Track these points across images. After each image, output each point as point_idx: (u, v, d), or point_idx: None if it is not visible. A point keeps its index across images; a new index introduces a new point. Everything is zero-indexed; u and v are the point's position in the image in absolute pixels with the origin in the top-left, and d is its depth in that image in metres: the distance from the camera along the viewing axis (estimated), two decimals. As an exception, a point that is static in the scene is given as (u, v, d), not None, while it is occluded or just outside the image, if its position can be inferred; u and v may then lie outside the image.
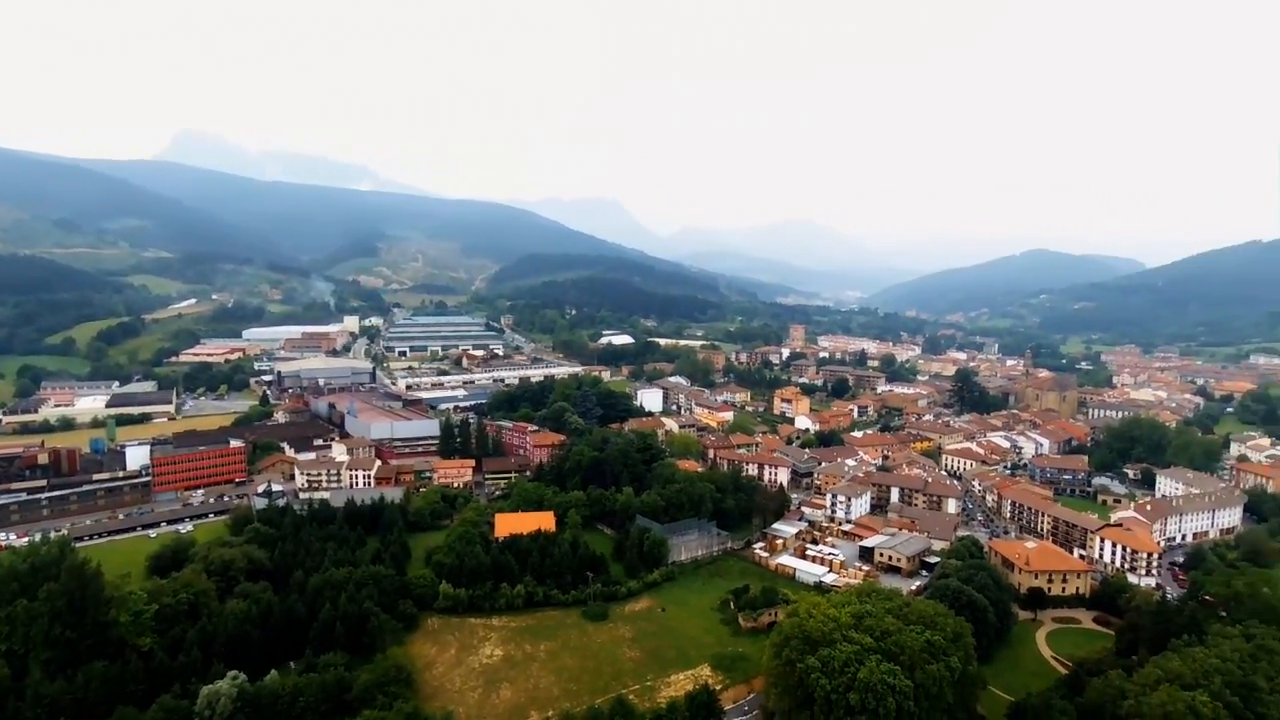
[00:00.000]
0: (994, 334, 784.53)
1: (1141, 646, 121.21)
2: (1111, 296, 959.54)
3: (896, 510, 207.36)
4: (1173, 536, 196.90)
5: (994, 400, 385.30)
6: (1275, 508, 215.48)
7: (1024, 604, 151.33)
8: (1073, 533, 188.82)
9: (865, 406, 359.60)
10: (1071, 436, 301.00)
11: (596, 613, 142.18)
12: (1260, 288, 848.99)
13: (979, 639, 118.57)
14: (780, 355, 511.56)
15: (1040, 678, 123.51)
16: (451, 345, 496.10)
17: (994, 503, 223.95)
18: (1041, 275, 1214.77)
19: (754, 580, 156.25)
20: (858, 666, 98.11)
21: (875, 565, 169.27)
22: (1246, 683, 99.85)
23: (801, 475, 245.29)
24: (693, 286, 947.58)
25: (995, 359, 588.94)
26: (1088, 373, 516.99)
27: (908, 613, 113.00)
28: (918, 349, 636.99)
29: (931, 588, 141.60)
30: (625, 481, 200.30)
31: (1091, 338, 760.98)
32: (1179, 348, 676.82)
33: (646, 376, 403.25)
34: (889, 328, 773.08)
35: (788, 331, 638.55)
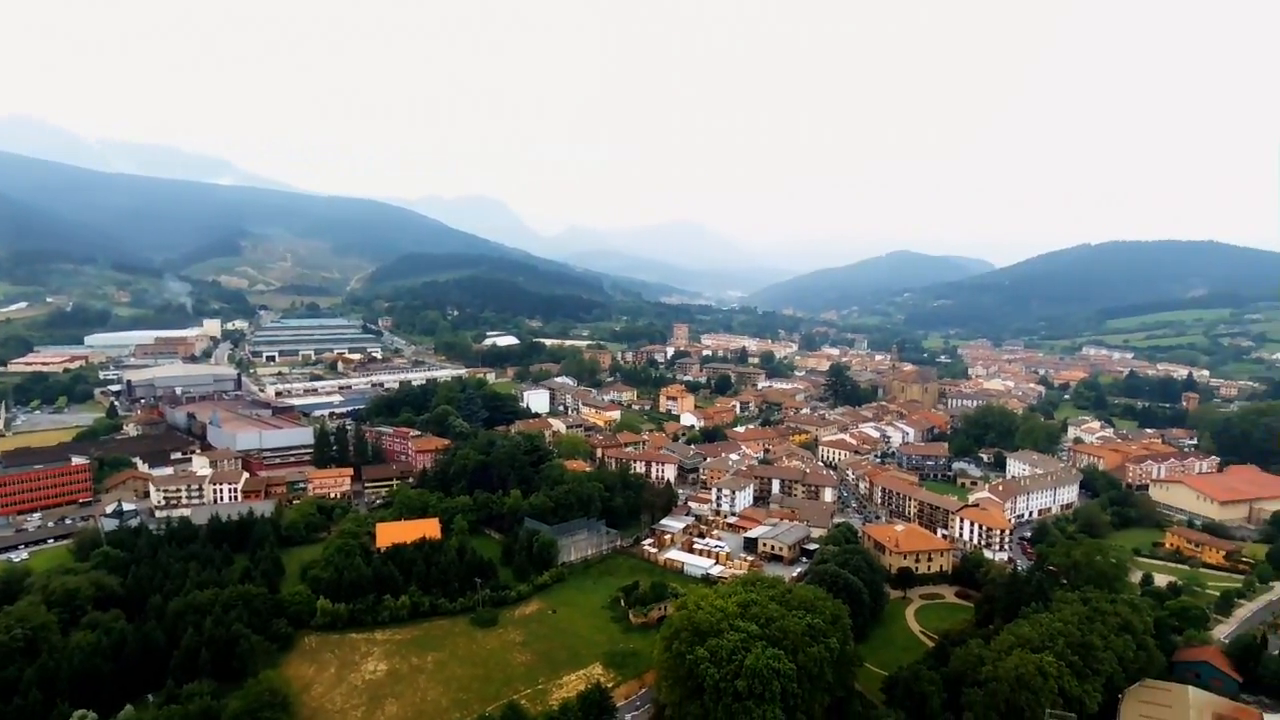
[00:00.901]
0: (864, 330, 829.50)
1: (997, 616, 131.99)
2: (966, 295, 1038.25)
3: (778, 501, 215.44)
4: (1022, 514, 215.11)
5: (865, 393, 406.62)
6: (1106, 484, 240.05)
7: (895, 583, 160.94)
8: (936, 514, 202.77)
9: (747, 402, 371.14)
10: (933, 425, 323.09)
11: (486, 619, 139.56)
12: (1090, 287, 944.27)
13: (855, 619, 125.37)
14: (665, 354, 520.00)
15: (910, 651, 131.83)
16: (325, 349, 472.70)
17: (866, 490, 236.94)
18: (905, 275, 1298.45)
19: (644, 576, 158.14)
20: (744, 654, 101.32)
21: (759, 555, 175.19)
22: (1084, 642, 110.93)
23: (688, 471, 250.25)
24: (578, 286, 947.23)
25: (865, 354, 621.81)
26: (947, 365, 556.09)
27: (790, 599, 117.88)
28: (795, 346, 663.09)
29: (811, 573, 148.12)
30: (513, 484, 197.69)
31: (949, 333, 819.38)
32: (1024, 341, 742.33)
33: (533, 378, 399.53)
34: (768, 326, 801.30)
35: (672, 330, 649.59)
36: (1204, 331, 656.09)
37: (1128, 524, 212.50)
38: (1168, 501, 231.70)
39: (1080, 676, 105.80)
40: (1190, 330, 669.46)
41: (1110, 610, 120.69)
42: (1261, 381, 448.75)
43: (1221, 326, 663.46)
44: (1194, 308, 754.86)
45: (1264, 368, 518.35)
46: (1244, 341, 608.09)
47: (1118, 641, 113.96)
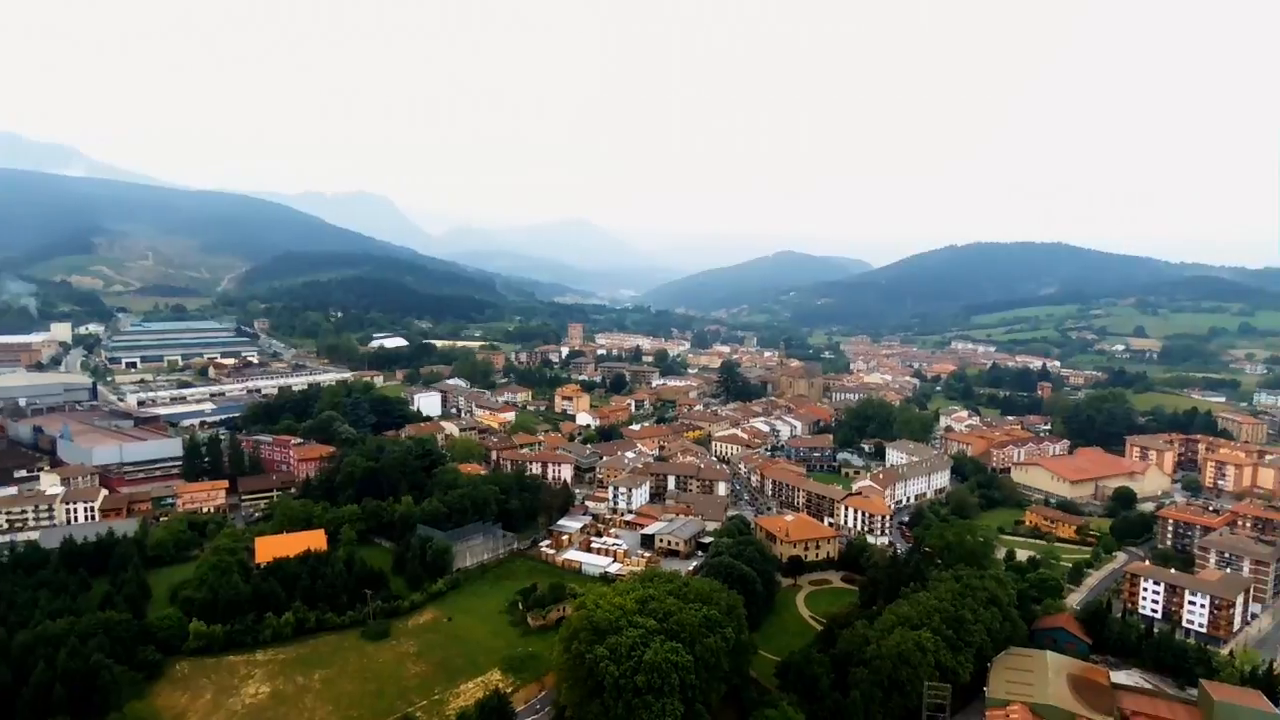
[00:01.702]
0: (753, 328, 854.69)
1: (879, 597, 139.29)
2: (847, 293, 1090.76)
3: (673, 497, 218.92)
4: (900, 499, 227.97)
5: (755, 389, 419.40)
6: (974, 468, 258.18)
7: (786, 571, 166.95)
8: (823, 504, 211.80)
9: (642, 400, 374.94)
10: (819, 418, 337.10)
11: (377, 631, 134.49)
12: (957, 285, 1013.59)
13: (749, 608, 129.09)
14: (560, 354, 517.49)
15: (801, 636, 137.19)
16: (195, 354, 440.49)
17: (758, 482, 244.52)
18: (790, 274, 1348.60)
19: (542, 578, 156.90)
20: (644, 649, 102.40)
21: (656, 551, 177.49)
22: (957, 617, 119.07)
23: (584, 470, 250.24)
24: (469, 286, 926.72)
25: (755, 351, 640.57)
26: (830, 361, 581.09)
27: (687, 592, 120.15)
28: (687, 344, 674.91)
29: (707, 566, 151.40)
30: (404, 490, 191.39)
31: (832, 329, 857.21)
32: (900, 337, 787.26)
33: (423, 380, 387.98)
34: (661, 325, 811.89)
35: (567, 330, 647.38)
36: (1055, 326, 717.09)
37: (993, 505, 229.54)
38: (1027, 482, 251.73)
39: (954, 649, 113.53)
40: (1044, 325, 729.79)
41: (979, 586, 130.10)
42: (1103, 371, 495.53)
43: (1070, 321, 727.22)
44: (1047, 304, 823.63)
45: (1106, 358, 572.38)
46: (1089, 335, 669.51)
47: (986, 614, 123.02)
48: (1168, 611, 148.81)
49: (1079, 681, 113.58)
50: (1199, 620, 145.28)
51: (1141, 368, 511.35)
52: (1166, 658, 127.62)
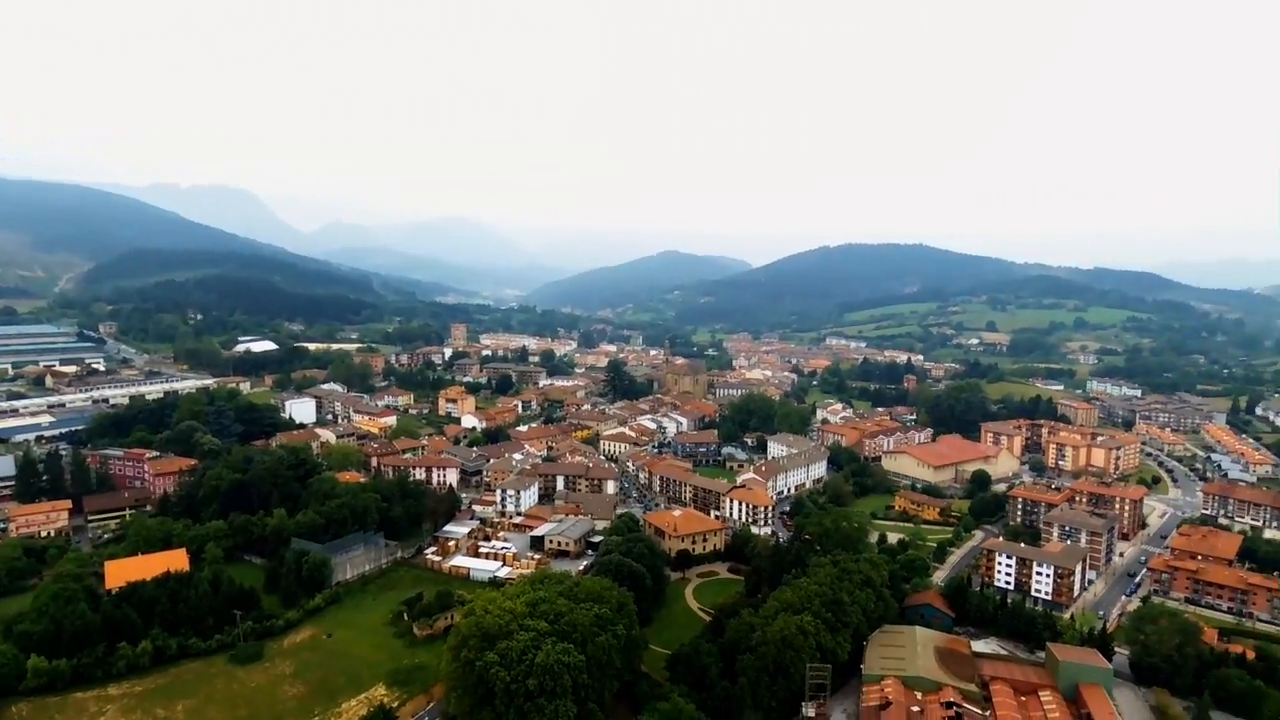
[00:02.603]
0: (639, 327, 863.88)
1: (764, 585, 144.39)
2: (728, 292, 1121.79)
3: (562, 497, 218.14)
4: (782, 490, 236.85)
5: (641, 387, 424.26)
6: (848, 458, 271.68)
7: (675, 565, 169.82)
8: (709, 497, 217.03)
9: (529, 401, 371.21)
10: (704, 414, 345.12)
11: (249, 654, 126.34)
12: (831, 284, 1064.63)
13: (640, 604, 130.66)
14: (443, 355, 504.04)
15: (691, 628, 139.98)
16: (28, 361, 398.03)
17: (646, 479, 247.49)
18: (674, 273, 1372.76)
19: (428, 587, 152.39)
20: (535, 652, 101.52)
21: (546, 552, 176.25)
22: (836, 600, 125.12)
23: (471, 474, 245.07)
24: (344, 286, 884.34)
25: (641, 350, 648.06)
26: (714, 358, 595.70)
27: (578, 592, 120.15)
28: (574, 343, 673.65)
29: (597, 565, 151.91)
30: (276, 503, 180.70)
31: (715, 327, 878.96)
32: (779, 334, 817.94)
33: (295, 385, 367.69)
34: (547, 324, 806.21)
35: (449, 331, 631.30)
36: (918, 322, 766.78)
37: (866, 492, 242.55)
38: (896, 470, 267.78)
39: (833, 630, 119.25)
40: (908, 321, 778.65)
41: (855, 569, 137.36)
42: (961, 363, 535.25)
43: (931, 318, 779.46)
44: (911, 302, 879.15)
45: (963, 352, 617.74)
46: (948, 330, 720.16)
47: (862, 595, 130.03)
48: (1019, 582, 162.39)
49: (944, 653, 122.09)
50: (1045, 589, 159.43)
51: (993, 360, 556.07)
52: (1019, 625, 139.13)
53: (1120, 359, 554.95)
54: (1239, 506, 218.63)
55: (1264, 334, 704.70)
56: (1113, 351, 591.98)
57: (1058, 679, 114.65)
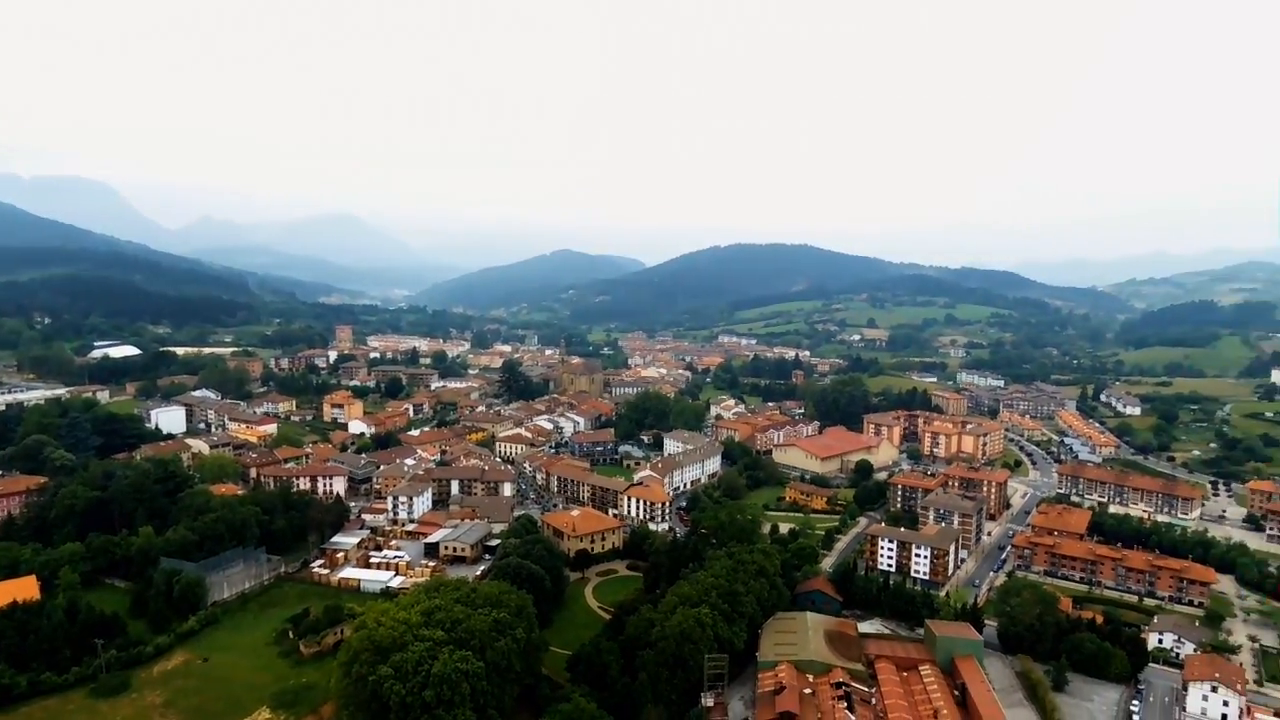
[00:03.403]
0: (533, 326, 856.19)
1: (662, 580, 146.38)
2: (623, 291, 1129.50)
3: (458, 502, 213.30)
4: (678, 486, 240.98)
5: (537, 387, 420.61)
6: (741, 452, 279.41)
7: (574, 565, 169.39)
8: (607, 496, 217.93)
9: (421, 404, 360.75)
10: (601, 413, 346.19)
11: (112, 686, 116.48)
12: (722, 282, 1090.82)
13: (540, 606, 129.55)
14: (328, 358, 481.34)
15: (591, 628, 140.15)
16: None
17: (544, 480, 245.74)
18: (569, 272, 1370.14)
19: (315, 602, 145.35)
20: (431, 662, 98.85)
21: (441, 559, 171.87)
22: (731, 591, 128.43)
23: (360, 482, 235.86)
24: (216, 286, 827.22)
25: (536, 349, 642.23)
26: (610, 357, 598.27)
27: (475, 597, 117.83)
28: (467, 344, 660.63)
29: (495, 569, 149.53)
30: (142, 521, 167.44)
31: (610, 326, 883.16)
32: (673, 332, 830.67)
33: (162, 394, 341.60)
34: (438, 325, 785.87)
35: (334, 333, 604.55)
36: (805, 320, 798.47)
37: (759, 484, 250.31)
38: (786, 462, 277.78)
39: (730, 621, 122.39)
40: (795, 319, 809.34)
41: (749, 560, 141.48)
42: (844, 358, 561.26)
43: (816, 315, 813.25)
44: (797, 300, 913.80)
45: (846, 347, 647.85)
46: (832, 327, 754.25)
47: (756, 585, 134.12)
48: (900, 564, 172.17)
49: (833, 636, 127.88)
50: (923, 569, 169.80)
51: (874, 355, 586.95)
52: (900, 605, 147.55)
53: (986, 352, 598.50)
54: (1088, 485, 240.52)
55: (1106, 327, 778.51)
56: (979, 345, 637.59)
57: (935, 653, 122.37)
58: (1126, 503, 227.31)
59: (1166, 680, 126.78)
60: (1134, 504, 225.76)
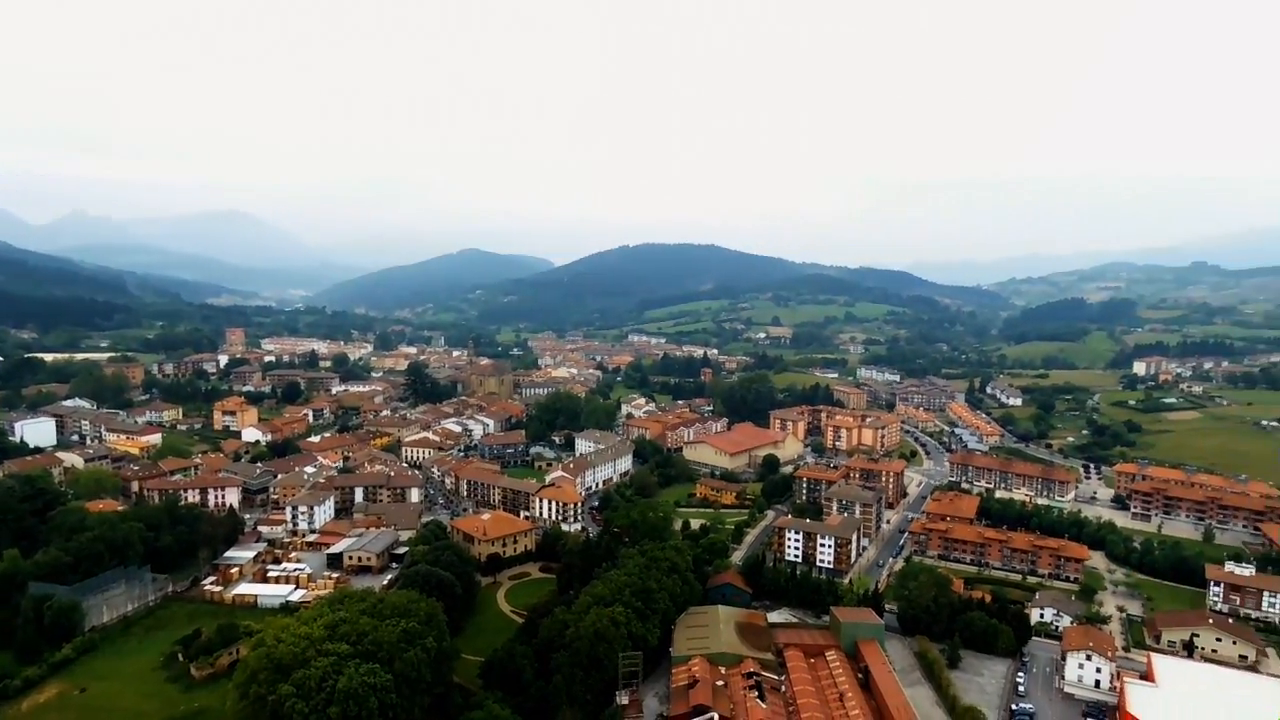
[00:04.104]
0: (440, 327, 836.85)
1: (575, 581, 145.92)
2: (532, 290, 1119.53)
3: (362, 509, 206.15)
4: (591, 486, 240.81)
5: (445, 389, 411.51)
6: (652, 450, 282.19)
7: (485, 570, 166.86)
8: (519, 498, 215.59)
9: (321, 409, 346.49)
10: (511, 415, 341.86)
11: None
12: (631, 282, 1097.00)
13: (450, 614, 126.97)
14: (218, 363, 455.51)
15: (504, 633, 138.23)
16: None
17: (453, 484, 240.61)
18: (476, 272, 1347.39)
19: (207, 621, 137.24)
20: (336, 677, 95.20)
21: (346, 569, 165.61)
22: (645, 588, 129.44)
23: (256, 492, 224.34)
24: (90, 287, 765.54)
25: (443, 351, 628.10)
26: (519, 358, 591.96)
27: (382, 608, 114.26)
28: (370, 346, 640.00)
29: (403, 577, 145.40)
30: (6, 543, 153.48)
31: (520, 326, 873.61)
32: (583, 332, 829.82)
33: (28, 404, 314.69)
34: (339, 326, 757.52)
35: (224, 336, 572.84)
36: (712, 318, 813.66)
37: (670, 482, 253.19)
38: (696, 459, 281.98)
39: (644, 618, 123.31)
40: (703, 318, 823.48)
41: (662, 557, 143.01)
42: (751, 356, 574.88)
43: (724, 314, 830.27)
44: (705, 299, 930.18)
45: (752, 345, 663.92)
46: (739, 325, 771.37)
47: (669, 582, 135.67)
48: (806, 555, 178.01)
49: (744, 627, 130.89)
50: (828, 558, 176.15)
51: (779, 352, 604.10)
52: (807, 594, 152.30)
53: (883, 348, 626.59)
54: (976, 472, 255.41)
55: (990, 324, 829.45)
56: (876, 342, 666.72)
57: (840, 639, 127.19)
58: (1011, 488, 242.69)
59: (1048, 651, 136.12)
60: (1017, 489, 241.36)
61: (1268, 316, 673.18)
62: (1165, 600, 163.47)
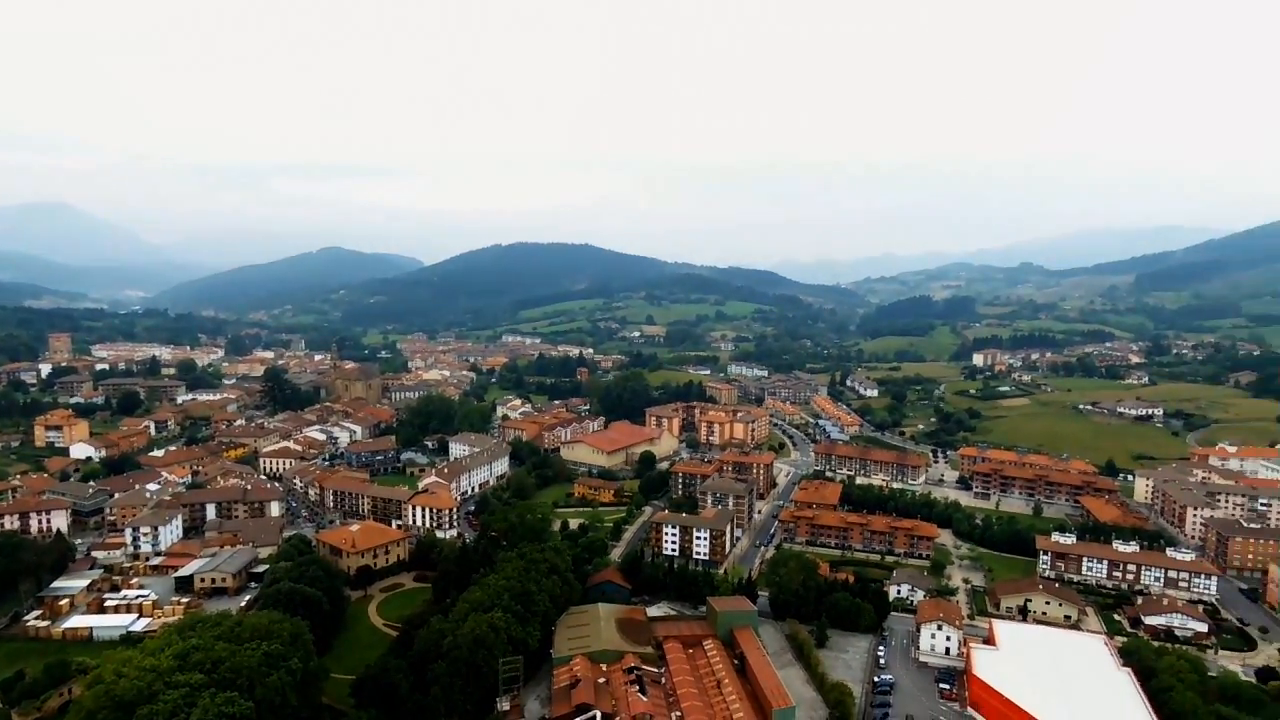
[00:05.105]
0: (300, 330, 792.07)
1: (452, 589, 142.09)
2: (400, 290, 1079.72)
3: (215, 527, 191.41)
4: (466, 490, 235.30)
5: (306, 395, 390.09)
6: (529, 451, 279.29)
7: (355, 583, 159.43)
8: (390, 507, 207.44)
9: (165, 420, 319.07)
10: (380, 420, 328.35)
11: None
12: (505, 281, 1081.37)
13: (318, 632, 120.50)
14: (38, 372, 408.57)
15: (377, 647, 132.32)
16: None
17: (317, 495, 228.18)
18: (339, 272, 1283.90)
19: (32, 660, 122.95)
20: (189, 710, 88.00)
21: (198, 593, 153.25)
22: (524, 591, 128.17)
23: (89, 514, 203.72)
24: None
25: (304, 355, 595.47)
26: (388, 360, 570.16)
27: (240, 631, 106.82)
28: (221, 351, 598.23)
29: (263, 597, 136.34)
30: None
31: (387, 328, 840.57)
32: (455, 333, 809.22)
33: None
34: (185, 330, 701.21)
35: (47, 342, 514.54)
36: (587, 317, 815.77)
37: (547, 482, 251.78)
38: (574, 458, 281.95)
39: (524, 621, 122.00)
40: (578, 317, 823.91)
41: (541, 559, 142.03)
42: (626, 354, 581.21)
43: (598, 313, 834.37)
44: (579, 298, 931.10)
45: (627, 344, 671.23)
46: (613, 324, 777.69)
47: (549, 583, 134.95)
48: (683, 548, 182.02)
49: (624, 623, 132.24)
50: (704, 550, 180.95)
51: (653, 350, 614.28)
52: (685, 586, 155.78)
53: (752, 345, 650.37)
54: (839, 461, 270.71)
55: (849, 320, 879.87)
56: (746, 339, 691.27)
57: (717, 628, 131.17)
58: (870, 474, 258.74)
59: (905, 625, 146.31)
60: (875, 475, 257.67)
61: (1082, 312, 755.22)
62: (1003, 570, 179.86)
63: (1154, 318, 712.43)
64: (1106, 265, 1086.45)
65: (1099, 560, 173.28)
